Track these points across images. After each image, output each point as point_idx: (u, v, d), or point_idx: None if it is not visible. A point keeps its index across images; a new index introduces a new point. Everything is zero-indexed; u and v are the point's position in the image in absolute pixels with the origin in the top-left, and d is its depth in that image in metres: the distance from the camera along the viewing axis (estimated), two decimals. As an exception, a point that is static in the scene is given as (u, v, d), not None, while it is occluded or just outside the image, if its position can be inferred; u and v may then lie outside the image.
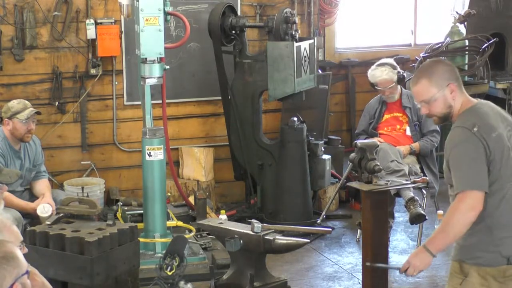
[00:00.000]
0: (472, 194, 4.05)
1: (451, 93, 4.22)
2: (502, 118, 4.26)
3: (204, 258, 7.01)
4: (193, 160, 8.64)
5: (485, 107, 4.27)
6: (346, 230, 8.13)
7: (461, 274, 4.26)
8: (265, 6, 8.96)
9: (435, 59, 4.40)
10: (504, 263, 4.15)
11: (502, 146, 4.13)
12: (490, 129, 4.12)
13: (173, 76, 8.42)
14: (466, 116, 4.20)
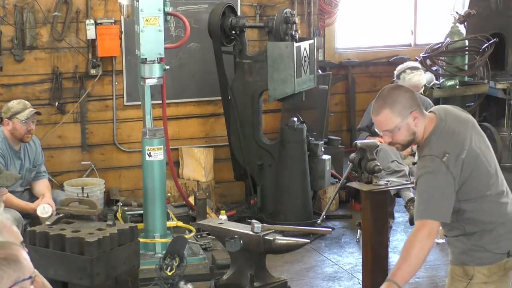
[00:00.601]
0: (430, 223, 4.09)
1: (414, 120, 4.21)
2: (466, 124, 4.29)
3: (204, 258, 7.01)
4: (193, 160, 8.64)
5: (448, 121, 4.26)
6: (346, 230, 8.13)
7: (465, 277, 4.30)
8: (265, 6, 8.96)
9: (394, 85, 4.40)
10: (505, 258, 4.23)
11: (474, 160, 4.18)
12: (460, 151, 4.14)
13: (173, 76, 8.42)
14: (435, 142, 4.20)
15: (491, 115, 10.09)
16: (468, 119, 4.37)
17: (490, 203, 4.22)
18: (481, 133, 4.38)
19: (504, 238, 4.23)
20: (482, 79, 9.77)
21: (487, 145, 4.35)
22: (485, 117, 10.08)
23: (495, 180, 4.25)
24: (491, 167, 4.25)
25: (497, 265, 4.24)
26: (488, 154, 4.29)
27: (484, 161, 4.23)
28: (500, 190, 4.26)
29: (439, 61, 9.46)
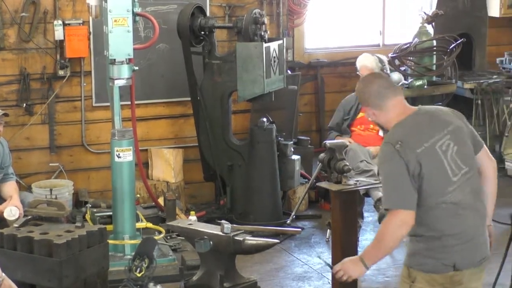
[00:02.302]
0: (399, 212, 4.16)
1: None
2: (439, 127, 4.29)
3: (174, 259, 6.99)
4: (162, 161, 8.62)
5: (419, 117, 4.32)
6: (315, 230, 8.15)
7: (408, 279, 4.32)
8: (234, 6, 8.96)
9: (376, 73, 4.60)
10: (451, 270, 4.22)
11: (431, 159, 4.20)
12: (415, 145, 4.20)
13: (142, 77, 8.39)
14: (394, 130, 4.31)
15: (459, 114, 10.14)
16: (449, 123, 4.32)
17: (444, 210, 4.21)
18: (464, 143, 4.31)
19: (452, 250, 4.21)
20: (450, 79, 9.83)
21: (464, 156, 4.28)
22: (453, 117, 10.13)
23: (457, 190, 4.22)
24: (455, 176, 4.22)
25: (442, 276, 4.22)
26: (458, 163, 4.24)
27: (446, 166, 4.22)
28: (460, 201, 4.22)
29: (408, 61, 9.50)
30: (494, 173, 4.47)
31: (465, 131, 4.37)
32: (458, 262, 4.21)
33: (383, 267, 7.15)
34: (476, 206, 4.30)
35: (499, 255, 5.68)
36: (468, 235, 4.23)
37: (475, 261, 4.25)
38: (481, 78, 10.08)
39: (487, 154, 4.47)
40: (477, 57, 10.47)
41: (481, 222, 4.32)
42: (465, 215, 4.23)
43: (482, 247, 4.30)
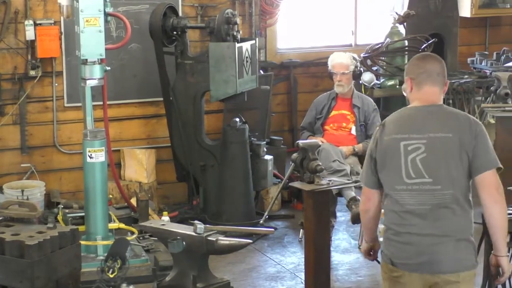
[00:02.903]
0: (364, 188, 4.52)
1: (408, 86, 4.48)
2: (423, 129, 4.31)
3: (147, 260, 6.98)
4: (135, 161, 8.60)
5: (417, 112, 4.39)
6: (288, 230, 8.16)
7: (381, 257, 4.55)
8: (206, 7, 8.95)
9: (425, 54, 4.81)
10: (389, 263, 4.35)
11: (390, 152, 4.32)
12: (387, 132, 4.37)
13: (114, 77, 8.36)
14: (394, 113, 4.51)
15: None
16: (440, 131, 4.30)
17: (390, 205, 4.35)
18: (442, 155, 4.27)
19: (390, 244, 4.35)
20: (422, 79, 9.87)
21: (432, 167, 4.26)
22: (425, 117, 10.18)
23: (406, 192, 4.28)
24: (410, 179, 4.27)
25: (385, 265, 4.38)
26: (419, 170, 4.26)
27: (401, 165, 4.28)
28: (406, 205, 4.28)
29: (379, 61, 9.54)
30: (492, 202, 4.29)
31: (455, 147, 4.27)
32: (394, 259, 4.33)
33: (356, 266, 7.18)
34: (436, 219, 4.26)
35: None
36: (408, 239, 4.28)
37: (416, 268, 4.28)
38: (452, 78, 10.11)
39: (488, 180, 4.29)
40: (448, 57, 10.51)
41: (440, 235, 4.26)
42: (408, 219, 4.28)
43: (433, 260, 4.26)
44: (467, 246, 4.32)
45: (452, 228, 4.27)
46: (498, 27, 11.13)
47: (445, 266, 4.26)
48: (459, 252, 4.29)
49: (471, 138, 4.28)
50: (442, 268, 4.26)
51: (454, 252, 4.27)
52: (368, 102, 8.03)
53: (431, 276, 4.27)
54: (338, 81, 7.91)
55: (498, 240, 4.34)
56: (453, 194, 4.26)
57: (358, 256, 7.40)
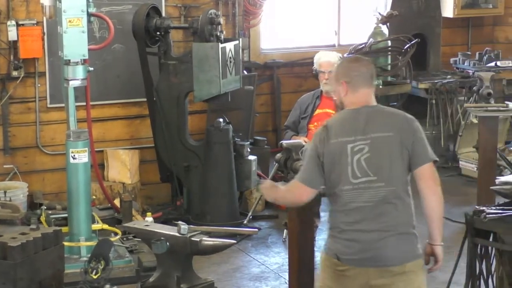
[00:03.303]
0: (297, 183, 4.58)
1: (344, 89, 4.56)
2: (366, 130, 4.44)
3: (130, 261, 6.96)
4: (118, 162, 8.58)
5: (357, 113, 4.50)
6: (272, 230, 8.16)
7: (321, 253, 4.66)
8: (189, 7, 8.94)
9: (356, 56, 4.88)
10: (335, 258, 4.46)
11: (337, 154, 4.42)
12: (332, 135, 4.45)
13: (97, 78, 8.34)
14: (335, 115, 4.64)
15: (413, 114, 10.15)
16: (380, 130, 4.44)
17: (336, 204, 4.48)
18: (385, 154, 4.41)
19: (336, 241, 4.47)
20: (405, 79, 9.91)
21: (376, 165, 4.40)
22: (408, 117, 10.20)
23: (353, 192, 4.41)
24: (356, 179, 4.40)
25: (329, 259, 4.49)
26: (364, 169, 4.39)
27: (348, 166, 4.40)
28: (352, 203, 4.40)
29: (363, 61, 9.54)
30: (430, 194, 4.51)
31: (396, 145, 4.43)
32: (340, 255, 4.43)
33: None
34: (379, 215, 4.40)
35: (454, 253, 5.73)
36: (353, 235, 4.41)
37: (362, 263, 4.39)
38: (435, 78, 10.17)
39: (427, 173, 4.48)
40: (431, 57, 10.56)
41: (383, 231, 4.40)
42: (354, 217, 4.41)
43: (378, 255, 4.39)
44: (409, 238, 4.48)
45: (394, 223, 4.43)
46: (481, 27, 11.18)
47: (389, 260, 4.41)
48: (402, 245, 4.44)
49: (409, 134, 4.46)
50: (387, 262, 4.40)
51: (397, 245, 4.42)
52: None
53: (376, 269, 4.41)
54: (325, 80, 7.92)
55: (435, 229, 4.59)
56: (395, 190, 4.42)
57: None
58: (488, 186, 6.69)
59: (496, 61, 10.32)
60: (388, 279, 4.41)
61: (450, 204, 8.82)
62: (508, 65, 10.30)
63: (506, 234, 5.00)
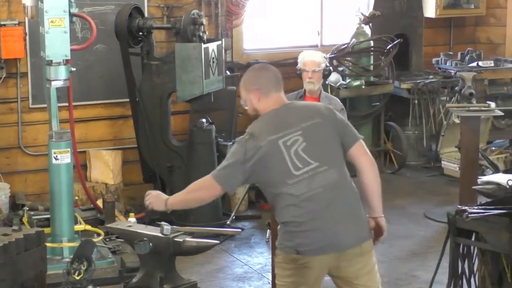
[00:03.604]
0: (210, 179, 4.66)
1: (256, 97, 4.68)
2: (292, 123, 4.56)
3: (113, 261, 6.95)
4: (101, 163, 8.56)
5: (280, 112, 4.62)
6: (255, 230, 8.17)
7: (276, 256, 4.67)
8: (172, 7, 8.93)
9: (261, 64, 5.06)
10: (294, 253, 4.50)
11: (272, 153, 4.50)
12: (260, 138, 4.52)
13: (80, 78, 8.32)
14: (255, 121, 4.68)
15: (396, 114, 10.27)
16: (306, 120, 4.58)
17: (285, 200, 4.50)
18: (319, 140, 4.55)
19: (294, 235, 4.50)
20: (387, 79, 9.95)
21: (315, 152, 4.51)
22: (391, 117, 10.25)
23: (299, 183, 4.48)
24: (298, 170, 4.48)
25: (289, 257, 4.52)
26: (304, 159, 4.49)
27: (287, 161, 4.49)
28: (303, 194, 4.47)
29: (345, 61, 9.59)
30: (369, 167, 4.64)
31: (327, 129, 4.59)
32: (300, 248, 4.47)
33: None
34: (330, 199, 4.50)
35: (437, 252, 5.76)
36: (311, 225, 4.47)
37: (324, 250, 4.48)
38: (417, 78, 10.21)
39: (360, 149, 4.64)
40: (413, 58, 10.59)
41: (339, 214, 4.50)
42: (306, 207, 4.47)
43: (337, 237, 4.49)
44: (361, 218, 4.61)
45: (346, 205, 4.54)
46: (463, 28, 11.22)
47: (348, 242, 4.51)
48: (357, 226, 4.56)
49: (334, 119, 4.64)
50: (345, 245, 4.50)
51: (353, 227, 4.54)
52: (335, 102, 8.03)
53: (337, 254, 4.50)
54: (309, 78, 7.88)
55: (378, 202, 4.71)
56: (338, 171, 4.55)
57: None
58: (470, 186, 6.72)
59: (478, 61, 10.36)
60: (347, 262, 4.52)
61: (432, 204, 8.88)
62: (489, 65, 10.35)
63: (488, 234, 5.03)
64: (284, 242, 4.54)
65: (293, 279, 4.54)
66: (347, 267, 4.53)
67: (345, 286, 4.59)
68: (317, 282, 4.58)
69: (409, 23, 10.50)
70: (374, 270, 4.64)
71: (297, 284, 4.53)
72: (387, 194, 9.16)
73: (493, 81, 10.42)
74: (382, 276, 6.96)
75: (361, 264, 4.55)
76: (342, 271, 4.54)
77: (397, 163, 10.07)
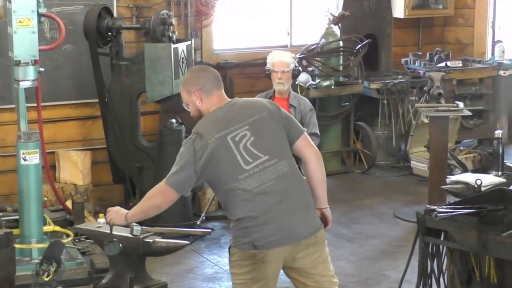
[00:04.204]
0: (164, 186, 4.69)
1: (197, 98, 4.71)
2: (238, 119, 4.59)
3: (83, 262, 6.92)
4: (70, 163, 8.52)
5: (222, 110, 4.64)
6: (225, 231, 8.16)
7: (229, 253, 4.69)
8: (141, 7, 8.91)
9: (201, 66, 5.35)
10: (252, 248, 4.52)
11: (221, 149, 4.52)
12: (208, 136, 4.54)
13: (48, 79, 8.27)
14: (201, 120, 4.69)
15: (365, 114, 10.32)
16: (252, 115, 4.63)
17: (236, 196, 4.53)
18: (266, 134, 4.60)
19: (250, 231, 4.52)
20: (357, 79, 9.99)
21: (263, 146, 4.57)
22: (360, 117, 10.29)
23: (250, 178, 4.51)
24: (248, 165, 4.53)
25: (246, 253, 4.54)
26: (253, 153, 4.54)
27: (236, 156, 4.52)
28: (254, 188, 4.50)
29: (315, 61, 9.61)
30: (315, 159, 4.70)
31: (273, 122, 4.64)
32: (257, 242, 4.49)
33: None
34: (282, 191, 4.54)
35: (406, 252, 5.79)
36: (266, 218, 4.50)
37: (280, 242, 4.51)
38: (386, 78, 10.26)
39: (306, 141, 4.72)
40: (382, 58, 10.65)
41: (291, 205, 4.55)
42: (260, 200, 4.51)
43: (291, 228, 4.53)
44: (312, 209, 4.65)
45: (298, 196, 4.60)
46: (431, 28, 11.30)
47: (303, 233, 4.56)
48: (309, 216, 4.62)
49: (278, 113, 4.70)
50: (301, 235, 4.55)
51: (306, 217, 4.59)
52: (304, 102, 8.04)
53: (293, 245, 4.54)
54: (278, 79, 7.86)
55: (322, 193, 4.75)
56: (288, 163, 4.59)
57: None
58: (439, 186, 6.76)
59: (446, 61, 10.44)
60: (303, 252, 4.56)
61: (401, 203, 8.93)
62: (458, 65, 10.44)
63: (457, 233, 5.06)
64: (240, 239, 4.55)
65: (252, 275, 4.55)
66: (304, 257, 4.57)
67: (300, 278, 4.64)
68: (275, 276, 4.62)
69: (378, 23, 10.56)
70: (328, 258, 4.70)
71: (256, 280, 4.55)
72: (356, 194, 9.32)
73: (462, 81, 10.51)
74: (352, 275, 7.03)
75: (317, 254, 4.61)
76: (298, 262, 4.59)
77: (366, 163, 10.12)
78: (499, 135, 7.29)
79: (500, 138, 7.26)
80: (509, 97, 11.01)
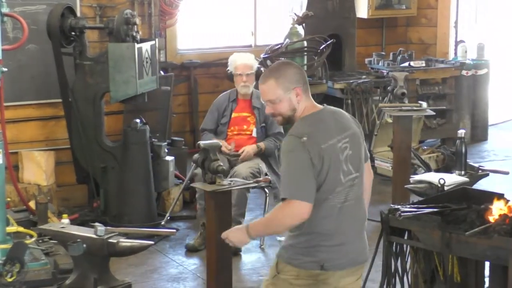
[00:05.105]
0: (295, 203, 4.17)
1: (296, 96, 4.33)
2: (341, 129, 4.35)
3: (46, 263, 6.87)
4: (33, 164, 8.45)
5: (325, 115, 4.37)
6: (190, 231, 8.15)
7: (275, 269, 4.41)
8: (105, 7, 8.87)
9: (286, 61, 4.74)
10: (317, 269, 4.30)
11: (330, 157, 4.23)
12: (320, 140, 4.23)
13: (11, 79, 8.19)
14: (300, 123, 4.32)
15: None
16: (348, 127, 4.39)
17: (326, 210, 4.27)
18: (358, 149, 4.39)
19: (321, 250, 4.29)
20: (321, 79, 10.02)
21: (356, 161, 4.36)
22: (325, 117, 10.31)
23: (342, 192, 4.29)
24: (345, 177, 4.29)
25: (308, 272, 4.31)
26: (349, 167, 4.31)
27: (342, 166, 4.28)
28: (339, 203, 4.27)
29: (279, 61, 9.61)
30: (370, 186, 4.61)
31: (361, 140, 4.45)
32: (327, 263, 4.28)
33: (258, 266, 7.22)
34: (356, 212, 4.38)
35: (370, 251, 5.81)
36: (341, 240, 4.31)
37: (345, 265, 4.35)
38: (350, 78, 10.30)
39: (369, 166, 4.58)
40: (346, 58, 10.69)
41: (359, 229, 4.42)
42: (340, 219, 4.30)
43: (356, 253, 4.40)
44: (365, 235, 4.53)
45: (363, 219, 4.48)
46: (394, 28, 11.38)
47: (363, 259, 4.47)
48: (365, 242, 4.51)
49: (361, 131, 4.51)
50: (361, 261, 4.46)
51: (365, 243, 4.49)
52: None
53: (351, 269, 4.40)
54: (243, 82, 7.83)
55: None
56: (362, 184, 4.43)
57: (259, 256, 7.45)
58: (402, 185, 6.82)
59: (409, 61, 10.51)
60: (355, 276, 4.44)
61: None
62: (421, 65, 10.51)
63: (421, 232, 5.09)
64: (303, 257, 4.30)
65: None
66: (351, 283, 4.41)
67: None
68: None
69: (341, 23, 10.60)
70: None
71: None
72: (321, 193, 9.34)
73: (425, 81, 10.60)
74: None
75: (359, 282, 4.49)
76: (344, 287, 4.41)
77: (330, 162, 10.13)
78: (462, 135, 7.37)
79: (463, 138, 7.35)
80: (472, 97, 11.12)
